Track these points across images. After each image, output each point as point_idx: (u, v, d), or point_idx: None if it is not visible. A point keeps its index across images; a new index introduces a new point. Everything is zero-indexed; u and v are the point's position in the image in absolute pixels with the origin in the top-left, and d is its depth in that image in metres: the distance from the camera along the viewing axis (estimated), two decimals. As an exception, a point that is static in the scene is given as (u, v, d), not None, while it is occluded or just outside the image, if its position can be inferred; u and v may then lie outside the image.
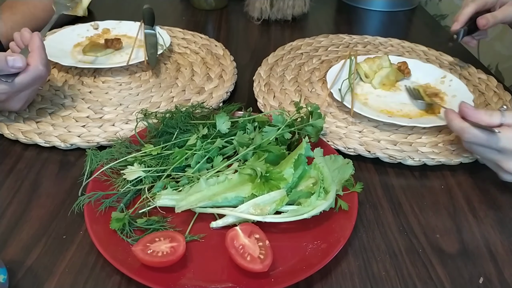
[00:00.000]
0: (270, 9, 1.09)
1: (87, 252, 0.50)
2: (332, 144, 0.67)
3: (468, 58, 0.96)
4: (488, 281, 0.49)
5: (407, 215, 0.57)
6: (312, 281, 0.48)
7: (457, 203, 0.60)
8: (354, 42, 0.99)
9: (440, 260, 0.51)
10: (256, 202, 0.51)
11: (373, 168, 0.65)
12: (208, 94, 0.79)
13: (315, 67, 0.89)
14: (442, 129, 0.71)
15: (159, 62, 0.87)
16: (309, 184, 0.55)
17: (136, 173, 0.55)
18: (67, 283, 0.47)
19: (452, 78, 0.82)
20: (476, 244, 0.54)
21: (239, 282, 0.46)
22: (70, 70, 0.83)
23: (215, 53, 0.92)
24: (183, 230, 0.51)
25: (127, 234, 0.49)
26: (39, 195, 0.58)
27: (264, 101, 0.77)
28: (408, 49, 0.97)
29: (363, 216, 0.57)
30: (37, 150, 0.65)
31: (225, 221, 0.52)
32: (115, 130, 0.68)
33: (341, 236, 0.50)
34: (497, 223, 0.57)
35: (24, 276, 0.47)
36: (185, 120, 0.62)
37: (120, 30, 0.96)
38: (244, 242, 0.47)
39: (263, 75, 0.84)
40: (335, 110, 0.75)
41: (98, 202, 0.52)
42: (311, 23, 1.15)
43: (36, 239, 0.52)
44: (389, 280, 0.49)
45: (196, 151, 0.57)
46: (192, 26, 1.04)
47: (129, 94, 0.78)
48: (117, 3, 1.20)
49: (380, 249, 0.52)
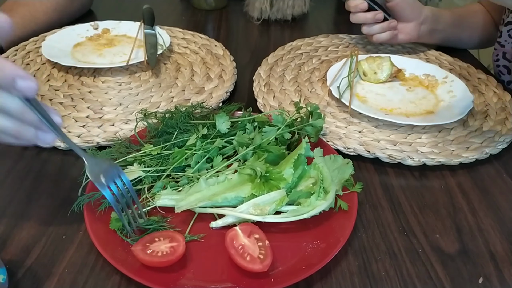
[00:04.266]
0: (270, 9, 1.09)
1: (86, 252, 0.50)
2: (332, 144, 0.67)
3: (468, 58, 0.96)
4: (487, 281, 0.49)
5: (407, 215, 0.57)
6: (312, 281, 0.48)
7: (457, 203, 0.60)
8: (354, 42, 0.99)
9: (440, 260, 0.51)
10: (256, 202, 0.51)
11: (373, 168, 0.65)
12: (208, 94, 0.79)
13: (315, 67, 0.89)
14: (442, 129, 0.71)
15: (159, 62, 0.87)
16: (309, 184, 0.55)
17: (135, 173, 0.55)
18: (67, 283, 0.47)
19: (453, 79, 0.82)
20: (475, 244, 0.54)
21: (239, 282, 0.46)
22: (69, 70, 0.83)
23: (215, 53, 0.92)
24: (183, 230, 0.51)
25: (127, 234, 0.49)
26: (39, 195, 0.58)
27: (264, 101, 0.77)
28: (408, 49, 0.97)
29: (362, 216, 0.57)
30: (36, 150, 0.65)
31: (225, 221, 0.52)
32: (115, 130, 0.68)
33: (341, 236, 0.50)
34: (497, 223, 0.57)
35: (24, 276, 0.47)
36: (184, 120, 0.62)
37: (120, 30, 0.96)
38: (243, 242, 0.47)
39: (263, 75, 0.84)
40: (334, 110, 0.75)
41: (98, 202, 0.52)
42: (311, 23, 1.15)
43: (36, 239, 0.52)
44: (389, 280, 0.49)
45: (196, 151, 0.57)
46: (192, 26, 1.04)
47: (129, 94, 0.78)
48: (117, 3, 1.20)
49: (379, 249, 0.52)
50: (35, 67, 0.84)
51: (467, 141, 0.69)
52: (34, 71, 0.83)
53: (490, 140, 0.69)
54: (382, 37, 0.89)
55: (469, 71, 0.89)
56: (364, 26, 0.89)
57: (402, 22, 0.90)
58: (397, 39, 0.91)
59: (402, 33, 0.90)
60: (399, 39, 0.91)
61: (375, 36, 0.89)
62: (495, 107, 0.77)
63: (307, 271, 0.46)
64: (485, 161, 0.67)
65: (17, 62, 0.84)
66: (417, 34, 0.91)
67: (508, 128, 0.72)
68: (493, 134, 0.70)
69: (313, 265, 0.47)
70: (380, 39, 0.89)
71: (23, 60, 0.85)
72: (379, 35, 0.89)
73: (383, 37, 0.89)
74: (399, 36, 0.91)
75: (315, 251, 0.49)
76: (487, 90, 0.83)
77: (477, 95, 0.81)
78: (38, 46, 0.89)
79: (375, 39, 0.90)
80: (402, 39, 0.91)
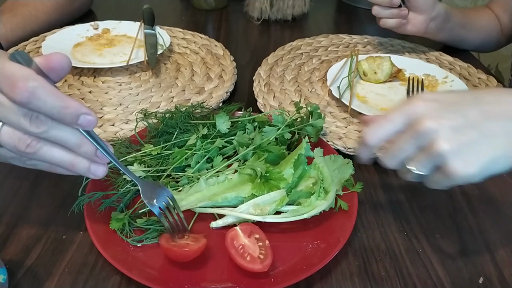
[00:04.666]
0: (270, 9, 1.09)
1: (87, 252, 0.50)
2: (332, 144, 0.67)
3: (468, 58, 0.96)
4: (488, 281, 0.49)
5: (407, 215, 0.57)
6: (312, 281, 0.48)
7: (457, 203, 0.60)
8: (354, 42, 0.99)
9: (440, 260, 0.51)
10: (256, 202, 0.51)
11: (373, 168, 0.65)
12: (208, 94, 0.79)
13: (315, 67, 0.89)
14: (442, 129, 0.71)
15: (159, 62, 0.87)
16: (309, 184, 0.55)
17: (136, 173, 0.55)
18: (67, 283, 0.47)
19: (453, 79, 0.82)
20: (476, 244, 0.54)
21: (239, 282, 0.46)
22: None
23: (215, 53, 0.92)
24: (183, 230, 0.51)
25: (127, 234, 0.49)
26: (39, 195, 0.58)
27: (264, 101, 0.77)
28: (408, 49, 0.97)
29: (363, 216, 0.57)
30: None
31: (225, 221, 0.52)
32: (115, 130, 0.68)
33: (341, 236, 0.50)
34: (497, 223, 0.57)
35: (24, 276, 0.47)
36: (185, 120, 0.62)
37: (120, 30, 0.96)
38: (244, 242, 0.47)
39: (263, 75, 0.84)
40: (335, 110, 0.75)
41: (98, 202, 0.52)
42: (311, 23, 1.15)
43: (36, 239, 0.52)
44: (389, 280, 0.49)
45: (196, 151, 0.57)
46: (192, 26, 1.04)
47: (129, 94, 0.78)
48: (117, 3, 1.20)
49: (380, 249, 0.52)
50: (35, 67, 0.84)
51: (467, 141, 0.69)
52: (34, 71, 0.83)
53: (490, 140, 0.69)
54: (389, 23, 0.86)
55: (469, 71, 0.89)
56: (375, 6, 0.84)
57: (413, 12, 0.86)
58: (404, 29, 0.88)
59: (410, 24, 0.87)
60: (406, 30, 0.88)
61: (383, 20, 0.86)
62: (495, 107, 0.77)
63: (307, 271, 0.46)
64: (485, 161, 0.67)
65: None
66: (425, 29, 0.88)
67: (508, 128, 0.71)
68: (493, 134, 0.70)
69: (313, 265, 0.47)
70: (387, 25, 0.86)
71: (23, 60, 0.85)
72: (386, 20, 0.85)
73: (390, 23, 0.86)
74: (407, 26, 0.87)
75: (315, 251, 0.49)
76: (487, 90, 0.83)
77: (477, 95, 0.81)
78: (38, 46, 0.89)
79: (382, 22, 0.86)
80: (409, 30, 0.88)
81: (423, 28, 0.88)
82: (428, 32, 0.89)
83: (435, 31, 0.90)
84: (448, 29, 0.91)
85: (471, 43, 0.98)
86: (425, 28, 0.88)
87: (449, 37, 0.95)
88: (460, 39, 0.96)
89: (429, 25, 0.88)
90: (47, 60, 0.39)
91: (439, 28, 0.89)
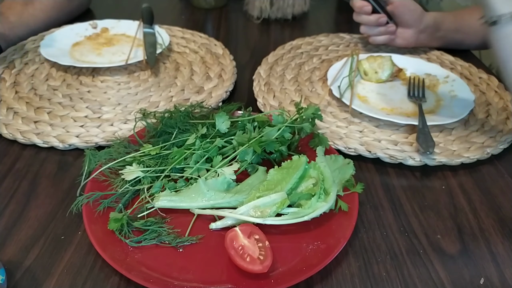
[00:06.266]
0: (270, 8, 1.09)
1: (85, 252, 0.50)
2: (333, 144, 0.66)
3: (470, 58, 0.96)
4: (489, 281, 0.49)
5: (408, 215, 0.57)
6: (312, 282, 0.48)
7: (458, 203, 0.59)
8: (355, 42, 0.99)
9: (441, 261, 0.51)
10: (257, 204, 0.50)
11: (374, 168, 0.65)
12: (208, 93, 0.78)
13: (315, 66, 0.89)
14: (443, 129, 0.71)
15: (158, 62, 0.87)
16: (309, 185, 0.54)
17: (134, 173, 0.55)
18: (65, 284, 0.47)
19: (455, 78, 0.81)
20: (477, 245, 0.53)
21: (239, 283, 0.46)
22: (68, 70, 0.83)
23: (215, 52, 0.91)
24: (183, 231, 0.51)
25: (126, 234, 0.49)
26: (37, 196, 0.57)
27: (264, 101, 0.77)
28: (409, 49, 0.97)
29: (363, 216, 0.56)
30: (35, 150, 0.65)
31: (225, 222, 0.51)
32: (114, 130, 0.68)
33: (342, 237, 0.50)
34: (498, 223, 0.57)
35: (23, 277, 0.47)
36: (184, 119, 0.62)
37: (118, 29, 0.96)
38: (243, 243, 0.47)
39: (263, 75, 0.84)
40: (335, 109, 0.75)
41: (97, 203, 0.52)
42: (311, 22, 1.15)
43: (35, 240, 0.51)
44: (390, 281, 0.49)
45: (195, 150, 0.57)
46: (191, 25, 1.04)
47: (128, 94, 0.77)
48: (116, 2, 1.20)
49: (380, 250, 0.52)
50: (34, 66, 0.83)
51: (468, 141, 0.68)
52: (32, 70, 0.82)
53: (492, 140, 0.69)
54: (378, 40, 0.90)
55: (471, 70, 0.89)
56: (363, 26, 0.89)
57: (401, 27, 0.89)
58: (395, 43, 0.91)
59: (400, 38, 0.90)
60: (396, 44, 0.91)
61: (372, 38, 0.90)
62: (497, 107, 0.77)
63: (307, 272, 0.46)
64: (486, 161, 0.66)
65: (16, 61, 0.84)
66: (415, 42, 0.91)
67: (510, 128, 0.71)
68: (495, 134, 0.70)
69: (313, 266, 0.46)
70: (376, 42, 0.90)
71: (22, 60, 0.85)
72: (375, 37, 0.90)
73: (379, 40, 0.90)
74: (397, 40, 0.91)
75: (316, 252, 0.49)
76: (488, 89, 0.82)
77: (478, 94, 0.80)
78: (37, 45, 0.88)
79: (371, 40, 0.91)
80: (399, 43, 0.91)
81: (413, 41, 0.91)
82: (419, 43, 0.92)
83: (427, 41, 0.93)
84: (440, 37, 0.93)
85: (470, 44, 0.98)
86: (415, 41, 0.91)
87: (444, 43, 0.95)
88: (456, 43, 0.96)
89: (418, 38, 0.91)
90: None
91: (430, 38, 0.92)
